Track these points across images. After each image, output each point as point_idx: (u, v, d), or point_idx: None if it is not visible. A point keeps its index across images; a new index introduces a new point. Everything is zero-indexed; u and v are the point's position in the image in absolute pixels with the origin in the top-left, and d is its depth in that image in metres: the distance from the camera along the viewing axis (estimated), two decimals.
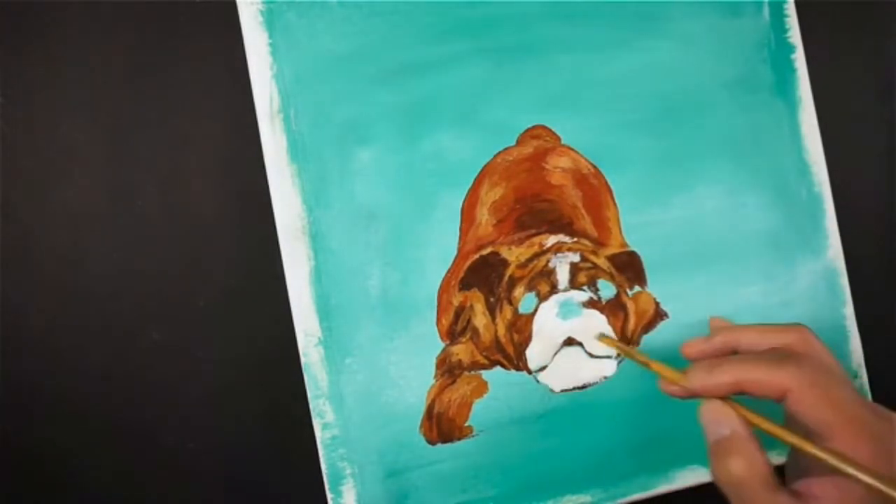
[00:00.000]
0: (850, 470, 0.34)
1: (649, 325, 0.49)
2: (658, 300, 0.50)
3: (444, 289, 0.48)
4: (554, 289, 0.48)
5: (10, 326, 0.46)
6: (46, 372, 0.46)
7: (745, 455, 0.36)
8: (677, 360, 0.49)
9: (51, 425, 0.46)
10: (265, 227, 0.47)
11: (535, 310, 0.48)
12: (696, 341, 0.43)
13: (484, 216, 0.48)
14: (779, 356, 0.38)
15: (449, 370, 0.48)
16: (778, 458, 0.49)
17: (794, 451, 0.39)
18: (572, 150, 0.49)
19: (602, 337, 0.47)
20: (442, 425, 0.47)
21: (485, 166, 0.48)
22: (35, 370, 0.46)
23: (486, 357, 0.48)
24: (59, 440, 0.46)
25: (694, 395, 0.39)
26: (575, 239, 0.49)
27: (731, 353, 0.42)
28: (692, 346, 0.43)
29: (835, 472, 0.35)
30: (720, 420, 0.38)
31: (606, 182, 0.50)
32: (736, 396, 0.38)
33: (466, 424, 0.47)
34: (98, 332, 0.46)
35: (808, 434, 0.36)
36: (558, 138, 0.49)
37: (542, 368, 0.48)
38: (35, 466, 0.46)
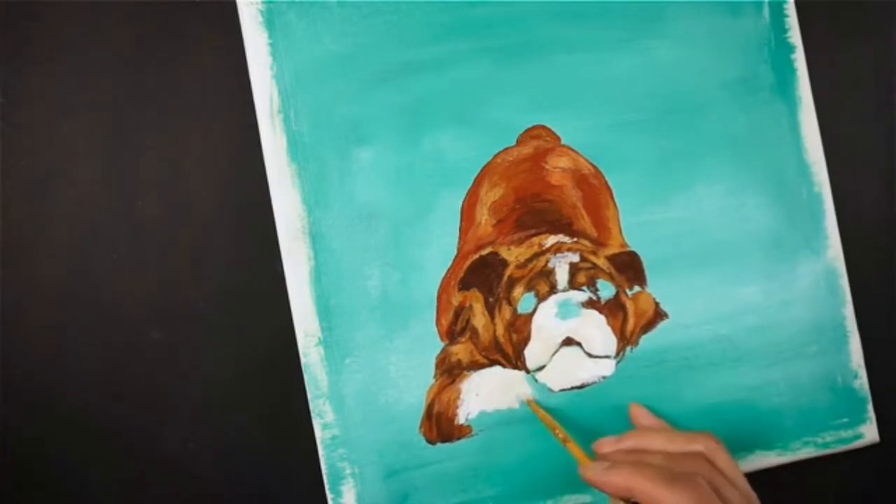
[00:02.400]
0: None
1: (649, 326, 0.49)
2: (658, 300, 0.49)
3: (443, 289, 0.48)
4: (553, 289, 0.48)
5: (10, 326, 0.46)
6: (46, 372, 0.46)
7: None
8: (678, 360, 0.49)
9: (51, 425, 0.46)
10: (265, 227, 0.47)
11: (534, 310, 0.48)
12: (607, 441, 0.44)
13: (484, 216, 0.48)
14: (675, 473, 0.39)
15: (448, 370, 0.48)
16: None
17: None
18: (572, 150, 0.49)
19: (530, 403, 0.48)
20: (441, 425, 0.47)
21: (485, 166, 0.48)
22: (35, 370, 0.46)
23: (485, 357, 0.48)
24: (59, 440, 0.46)
25: (593, 486, 0.41)
26: (575, 239, 0.49)
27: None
28: (603, 447, 0.44)
29: None
30: None
31: (606, 182, 0.50)
32: None
33: (466, 424, 0.47)
34: (98, 332, 0.46)
35: None
36: (558, 138, 0.49)
37: (541, 368, 0.48)
38: (34, 466, 0.46)
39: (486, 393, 0.48)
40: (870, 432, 0.51)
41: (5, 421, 0.46)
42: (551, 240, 0.49)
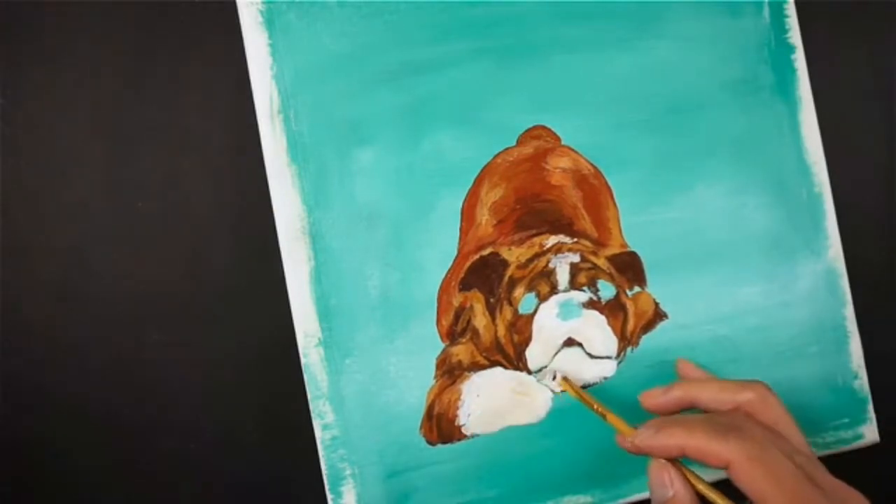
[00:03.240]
0: None
1: (648, 326, 0.49)
2: (657, 301, 0.49)
3: (444, 289, 0.48)
4: (554, 289, 0.48)
5: (10, 326, 0.46)
6: (46, 372, 0.46)
7: None
8: (669, 364, 0.49)
9: (51, 426, 0.46)
10: (265, 227, 0.47)
11: (535, 310, 0.48)
12: (654, 392, 0.43)
13: (484, 216, 0.48)
14: (725, 425, 0.39)
15: (449, 371, 0.48)
16: None
17: None
18: (572, 150, 0.49)
19: (564, 381, 0.47)
20: (442, 426, 0.47)
21: (485, 167, 0.48)
22: (35, 370, 0.46)
23: (486, 358, 0.48)
24: (59, 440, 0.46)
25: (641, 453, 0.41)
26: (575, 239, 0.49)
27: (689, 407, 0.43)
28: (649, 398, 0.44)
29: None
30: (664, 481, 0.39)
31: (606, 182, 0.50)
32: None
33: (466, 425, 0.47)
34: (98, 333, 0.46)
35: None
36: (558, 138, 0.49)
37: (542, 369, 0.48)
38: (35, 466, 0.46)
39: (487, 394, 0.48)
40: (870, 433, 0.51)
41: (5, 421, 0.46)
42: (552, 240, 0.49)
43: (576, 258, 0.48)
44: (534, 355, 0.48)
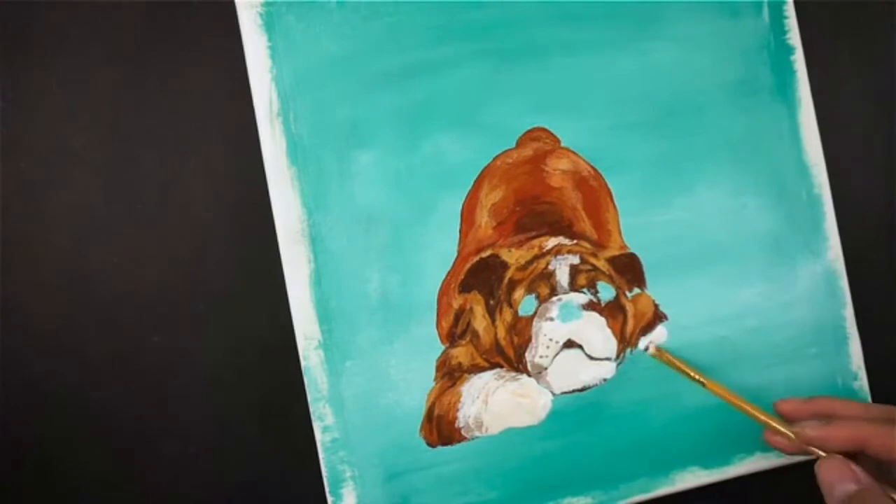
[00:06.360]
0: None
1: (648, 328, 0.49)
2: (657, 302, 0.49)
3: (443, 291, 0.48)
4: (554, 291, 0.48)
5: (10, 328, 0.46)
6: (46, 374, 0.46)
7: None
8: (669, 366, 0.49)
9: (51, 428, 0.46)
10: (265, 229, 0.47)
11: (535, 312, 0.48)
12: (793, 400, 0.43)
13: (484, 218, 0.48)
14: None
15: (449, 373, 0.48)
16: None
17: None
18: (572, 152, 0.49)
19: (657, 350, 0.48)
20: (442, 428, 0.47)
21: (484, 168, 0.48)
22: (35, 372, 0.46)
23: (486, 359, 0.48)
24: (60, 443, 0.46)
25: (804, 448, 0.39)
26: (575, 241, 0.49)
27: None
28: (789, 404, 0.43)
29: None
30: (844, 476, 0.37)
31: (606, 184, 0.50)
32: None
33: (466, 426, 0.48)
34: (98, 335, 0.46)
35: None
36: (558, 140, 0.49)
37: (542, 371, 0.48)
38: (35, 468, 0.46)
39: (487, 396, 0.48)
40: None
41: (6, 423, 0.46)
42: (552, 242, 0.49)
43: (576, 260, 0.48)
44: (534, 357, 0.48)
